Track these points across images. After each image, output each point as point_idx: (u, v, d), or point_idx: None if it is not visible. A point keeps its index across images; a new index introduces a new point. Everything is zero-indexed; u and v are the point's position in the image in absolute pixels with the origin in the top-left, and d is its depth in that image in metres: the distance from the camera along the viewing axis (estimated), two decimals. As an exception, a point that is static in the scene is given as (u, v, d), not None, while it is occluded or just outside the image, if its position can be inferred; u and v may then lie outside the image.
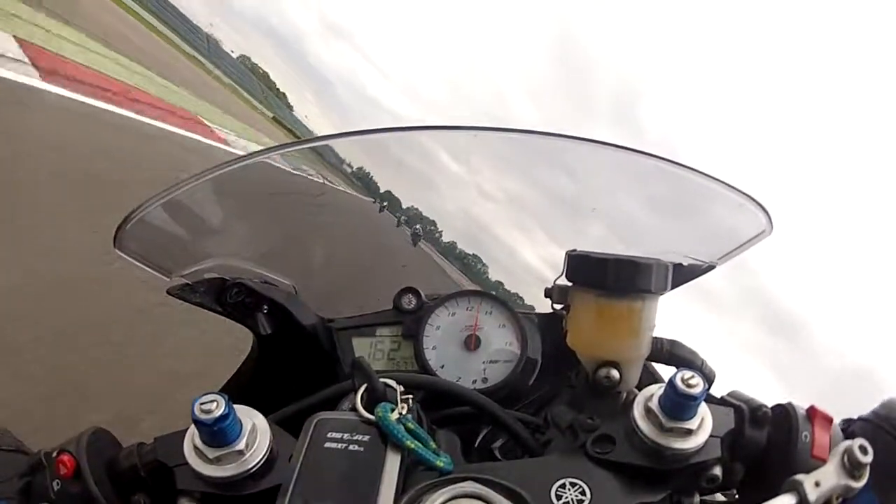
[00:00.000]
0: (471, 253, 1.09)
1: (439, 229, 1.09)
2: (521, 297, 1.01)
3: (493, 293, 0.88)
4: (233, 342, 1.00)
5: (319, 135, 0.78)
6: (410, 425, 0.51)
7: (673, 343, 0.67)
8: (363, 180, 1.10)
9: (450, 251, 1.10)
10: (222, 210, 0.90)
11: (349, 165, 1.06)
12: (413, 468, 0.49)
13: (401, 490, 0.46)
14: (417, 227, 1.07)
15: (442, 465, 0.49)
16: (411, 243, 1.09)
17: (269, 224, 1.02)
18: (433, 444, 0.51)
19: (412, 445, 0.48)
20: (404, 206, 1.10)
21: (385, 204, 1.08)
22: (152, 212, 0.75)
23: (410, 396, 0.54)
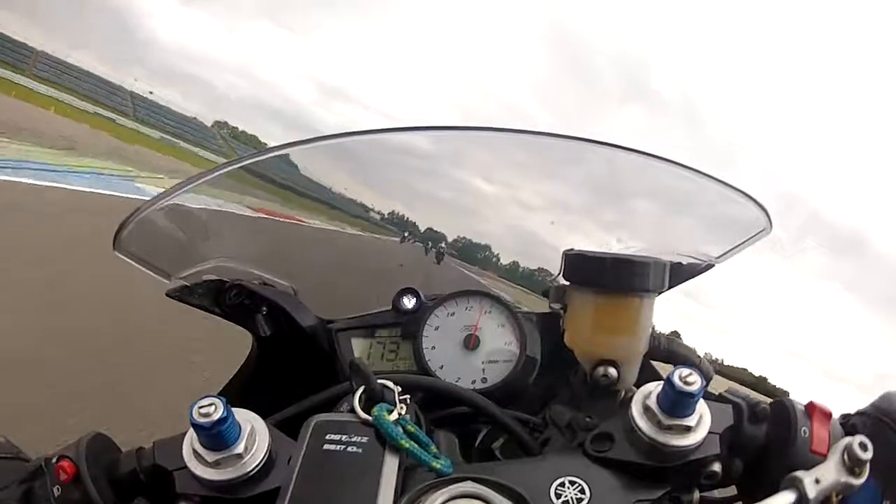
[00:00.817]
0: (535, 268, 1.07)
1: (495, 253, 1.08)
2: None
3: (492, 292, 0.88)
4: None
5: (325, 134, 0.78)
6: (410, 427, 0.51)
7: (670, 340, 0.67)
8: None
9: (513, 273, 1.08)
10: (221, 212, 0.90)
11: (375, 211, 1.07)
12: (412, 469, 0.49)
13: (400, 491, 0.46)
14: (442, 245, 1.07)
15: (440, 466, 0.48)
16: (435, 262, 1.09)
17: (268, 225, 1.03)
18: (433, 447, 0.51)
19: (408, 446, 0.48)
20: (422, 229, 1.10)
21: (406, 234, 1.08)
22: (151, 214, 0.75)
23: (409, 397, 0.54)
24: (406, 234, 1.06)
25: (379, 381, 0.54)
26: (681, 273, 0.74)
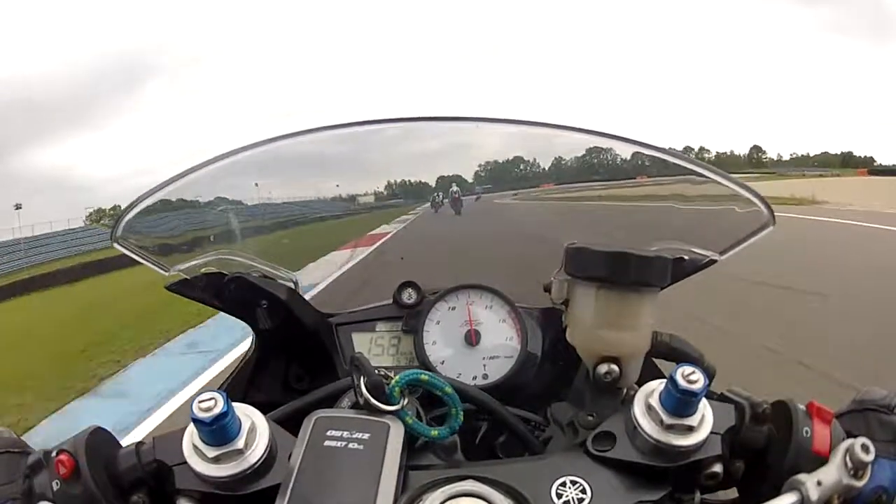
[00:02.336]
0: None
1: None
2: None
3: (493, 287, 0.88)
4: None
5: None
6: (409, 420, 0.51)
7: (673, 337, 0.67)
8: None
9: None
10: (221, 204, 0.89)
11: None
12: (413, 467, 0.49)
13: (401, 488, 0.46)
14: (454, 187, 1.05)
15: (437, 434, 0.52)
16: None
17: (269, 218, 1.02)
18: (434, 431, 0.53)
19: (411, 421, 0.51)
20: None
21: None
22: (150, 206, 0.75)
23: (409, 393, 0.54)
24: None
25: (379, 375, 0.53)
26: (683, 268, 0.74)
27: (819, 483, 0.44)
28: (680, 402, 0.47)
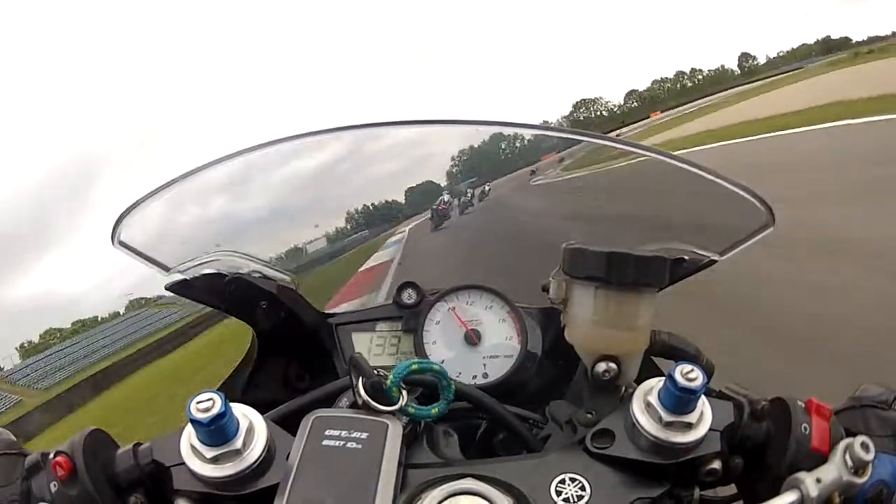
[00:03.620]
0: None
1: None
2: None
3: (493, 287, 0.88)
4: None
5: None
6: (411, 409, 0.51)
7: (671, 336, 0.67)
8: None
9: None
10: (220, 204, 0.90)
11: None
12: (412, 466, 0.49)
13: (399, 487, 0.46)
14: (444, 196, 1.04)
15: (436, 411, 0.53)
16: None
17: (269, 218, 1.02)
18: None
19: (412, 411, 0.52)
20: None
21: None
22: (149, 207, 0.75)
23: (409, 392, 0.53)
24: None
25: (378, 375, 0.53)
26: (683, 268, 0.74)
27: (818, 480, 0.44)
28: (679, 400, 0.47)
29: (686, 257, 0.73)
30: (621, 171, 0.90)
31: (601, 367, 0.58)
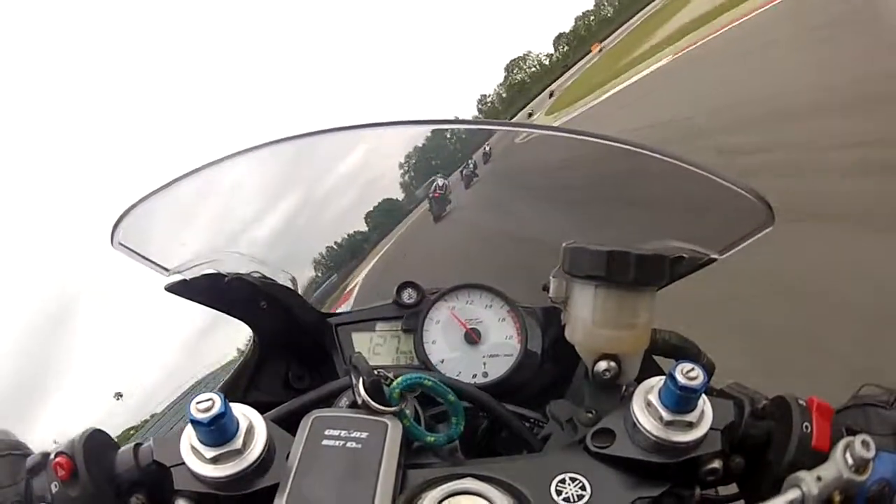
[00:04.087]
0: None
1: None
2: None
3: (494, 287, 0.88)
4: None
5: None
6: (406, 422, 0.51)
7: (672, 334, 0.67)
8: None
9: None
10: (219, 205, 0.90)
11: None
12: (412, 466, 0.49)
13: (399, 487, 0.46)
14: (438, 181, 1.04)
15: (433, 440, 0.52)
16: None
17: (268, 218, 1.02)
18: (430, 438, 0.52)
19: (408, 424, 0.51)
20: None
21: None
22: (149, 207, 0.75)
23: (408, 392, 0.53)
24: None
25: (378, 375, 0.53)
26: (682, 267, 0.74)
27: (819, 479, 0.44)
28: (679, 399, 0.46)
29: (685, 256, 0.73)
30: (616, 170, 0.90)
31: (601, 366, 0.58)
